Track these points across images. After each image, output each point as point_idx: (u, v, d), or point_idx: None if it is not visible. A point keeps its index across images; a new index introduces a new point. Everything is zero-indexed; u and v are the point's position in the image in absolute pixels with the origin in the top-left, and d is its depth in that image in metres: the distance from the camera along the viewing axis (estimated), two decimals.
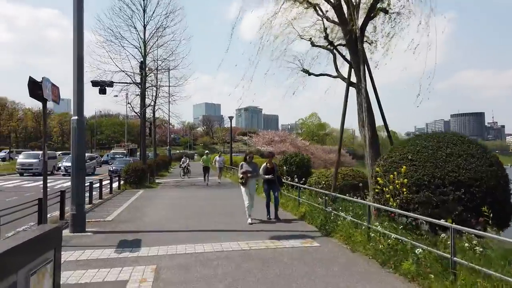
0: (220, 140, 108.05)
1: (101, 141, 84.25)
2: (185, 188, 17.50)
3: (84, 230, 7.76)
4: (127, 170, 17.47)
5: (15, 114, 76.05)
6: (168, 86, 22.70)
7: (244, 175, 8.55)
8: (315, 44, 9.45)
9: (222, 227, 8.20)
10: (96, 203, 12.10)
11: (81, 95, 7.89)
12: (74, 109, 7.85)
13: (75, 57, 7.83)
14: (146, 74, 19.62)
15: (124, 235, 7.46)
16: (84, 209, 7.99)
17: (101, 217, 9.43)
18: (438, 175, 5.74)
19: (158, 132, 68.45)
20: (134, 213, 10.08)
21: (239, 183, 8.75)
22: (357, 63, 7.94)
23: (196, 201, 12.68)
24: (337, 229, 7.09)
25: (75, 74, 7.83)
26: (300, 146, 52.38)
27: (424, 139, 6.36)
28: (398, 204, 5.83)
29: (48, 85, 6.63)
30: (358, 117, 8.14)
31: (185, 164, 24.50)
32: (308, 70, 9.47)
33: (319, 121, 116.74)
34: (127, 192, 15.55)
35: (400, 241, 5.35)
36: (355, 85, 8.33)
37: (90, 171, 29.50)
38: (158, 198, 13.42)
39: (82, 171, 7.93)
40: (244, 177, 8.54)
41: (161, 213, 10.10)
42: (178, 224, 8.55)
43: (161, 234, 7.49)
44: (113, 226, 8.37)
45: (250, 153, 9.32)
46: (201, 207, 11.17)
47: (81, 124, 7.87)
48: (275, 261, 5.61)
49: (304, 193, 10.40)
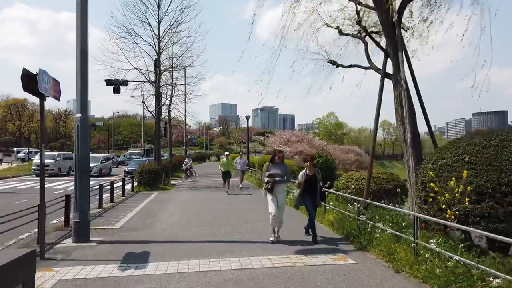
0: (237, 140, 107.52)
1: (118, 142, 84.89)
2: (201, 190, 16.72)
3: (88, 240, 7.01)
4: (140, 171, 16.82)
5: (35, 116, 77.30)
6: (184, 85, 22.04)
7: (270, 180, 6.79)
8: (343, 32, 8.46)
9: (240, 237, 7.31)
10: (106, 207, 11.42)
11: (85, 91, 7.14)
12: (78, 107, 7.11)
13: (78, 51, 7.09)
14: (161, 72, 18.96)
15: (131, 246, 6.66)
16: (89, 216, 7.23)
17: (109, 224, 8.68)
18: (506, 181, 4.68)
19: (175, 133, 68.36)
20: (144, 219, 9.30)
21: (264, 189, 6.94)
22: (395, 51, 6.91)
23: (212, 205, 11.84)
24: (374, 242, 6.09)
25: (79, 69, 7.09)
26: (317, 146, 51.05)
27: (483, 138, 5.28)
28: (456, 217, 4.80)
29: (46, 78, 5.88)
30: (395, 113, 7.10)
31: (187, 166, 22.91)
32: (335, 62, 8.46)
33: (336, 120, 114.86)
34: (140, 195, 14.87)
35: (461, 263, 4.33)
36: (391, 76, 7.31)
37: (106, 171, 29.26)
38: (172, 202, 12.65)
39: (86, 174, 7.17)
40: (270, 182, 6.76)
41: (174, 219, 9.30)
42: (192, 233, 7.71)
43: (172, 246, 6.65)
44: (121, 235, 7.59)
45: (280, 152, 7.05)
46: (217, 213, 10.31)
47: (85, 122, 7.12)
48: (305, 284, 4.67)
49: (331, 198, 9.41)
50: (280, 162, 6.96)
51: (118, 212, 10.46)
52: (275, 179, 6.75)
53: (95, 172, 27.16)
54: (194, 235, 7.49)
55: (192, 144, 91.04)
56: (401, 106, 6.88)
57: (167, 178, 19.50)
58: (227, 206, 11.27)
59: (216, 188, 17.32)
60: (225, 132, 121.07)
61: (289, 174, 7.14)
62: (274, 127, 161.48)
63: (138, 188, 16.51)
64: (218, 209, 10.87)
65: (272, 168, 6.92)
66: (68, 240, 7.10)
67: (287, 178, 7.00)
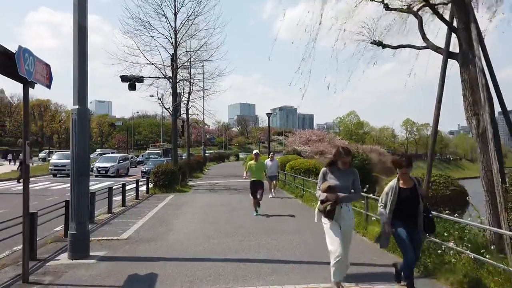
0: (255, 139, 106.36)
1: (138, 142, 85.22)
2: (220, 193, 15.52)
3: (87, 255, 5.86)
4: (156, 172, 15.76)
5: (57, 116, 78.43)
6: (203, 80, 20.95)
7: (330, 197, 4.18)
8: (390, 7, 7.04)
9: (267, 254, 6.00)
10: (117, 211, 10.35)
11: (84, 78, 5.99)
12: (75, 96, 5.96)
13: (75, 27, 5.95)
14: (177, 66, 17.89)
15: (136, 265, 5.47)
16: (88, 227, 6.09)
17: (116, 233, 7.55)
18: None
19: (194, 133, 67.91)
20: (156, 228, 8.14)
21: (319, 210, 4.35)
22: (466, 23, 5.46)
23: (233, 211, 10.59)
24: (446, 267, 4.67)
25: (76, 50, 5.94)
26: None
27: None
28: None
29: (29, 59, 4.74)
30: (464, 101, 5.64)
31: None
32: (381, 42, 7.04)
33: (357, 119, 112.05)
34: (155, 197, 13.79)
35: None
36: (456, 56, 5.85)
37: (124, 172, 28.58)
38: (188, 206, 11.47)
39: (85, 177, 6.02)
40: (330, 200, 4.16)
41: (190, 228, 8.09)
42: (210, 247, 6.47)
43: (186, 265, 5.41)
44: (127, 249, 6.42)
45: (347, 153, 4.28)
46: (238, 221, 9.05)
47: (84, 114, 5.97)
48: None
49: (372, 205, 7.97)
50: (346, 168, 4.31)
51: (128, 218, 9.34)
52: (338, 196, 4.19)
53: (112, 172, 26.52)
54: (212, 250, 6.24)
55: (211, 143, 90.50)
56: (472, 93, 5.41)
57: (184, 179, 18.41)
58: (249, 213, 9.99)
59: (236, 190, 16.08)
60: (244, 131, 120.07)
61: (359, 186, 4.48)
62: (292, 127, 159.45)
63: (154, 190, 15.46)
64: (239, 216, 9.61)
65: (332, 176, 4.32)
66: (64, 255, 5.97)
67: (357, 193, 4.43)
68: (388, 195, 4.32)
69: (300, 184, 14.35)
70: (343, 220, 4.24)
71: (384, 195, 4.41)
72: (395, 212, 4.27)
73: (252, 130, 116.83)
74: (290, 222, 8.81)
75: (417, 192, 4.25)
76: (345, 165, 4.26)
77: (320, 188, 4.35)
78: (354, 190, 4.37)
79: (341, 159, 4.24)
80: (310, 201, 11.68)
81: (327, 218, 4.22)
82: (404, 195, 4.24)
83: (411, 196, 4.23)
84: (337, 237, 4.14)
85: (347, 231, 4.29)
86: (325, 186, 4.25)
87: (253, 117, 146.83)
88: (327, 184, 4.25)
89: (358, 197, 4.69)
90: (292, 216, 9.54)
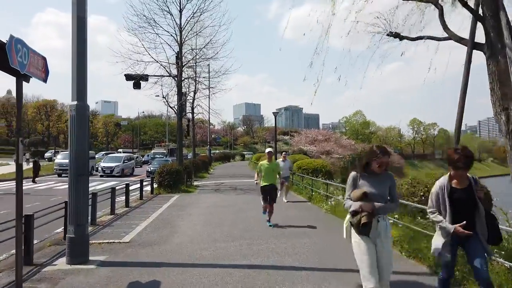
0: (261, 139, 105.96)
1: (144, 142, 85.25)
2: (226, 193, 15.15)
3: (86, 260, 5.52)
4: (160, 172, 15.43)
5: (64, 116, 78.66)
6: (208, 79, 20.63)
7: (364, 207, 3.37)
8: None
9: (278, 260, 5.61)
10: (120, 212, 10.03)
11: (83, 72, 5.66)
12: (73, 91, 5.62)
13: (74, 18, 5.62)
14: (183, 64, 17.57)
15: (138, 271, 5.11)
16: (87, 230, 5.74)
17: (118, 236, 7.21)
18: None
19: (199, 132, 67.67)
20: (160, 230, 7.79)
21: (352, 224, 3.50)
22: (494, 11, 5.03)
23: (239, 212, 10.22)
24: None
25: (74, 42, 5.61)
26: (345, 146, 48.89)
27: None
28: None
29: (23, 50, 4.40)
30: (492, 95, 5.22)
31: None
32: (399, 34, 6.61)
33: (364, 119, 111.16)
34: (159, 198, 13.46)
35: None
36: (482, 46, 5.42)
37: (129, 171, 28.37)
38: (194, 207, 11.12)
39: (84, 177, 5.68)
40: (365, 211, 3.35)
41: (195, 231, 7.73)
42: (216, 251, 6.10)
43: (191, 272, 5.05)
44: (128, 253, 6.07)
45: (384, 150, 3.47)
46: (245, 222, 8.67)
47: (83, 110, 5.63)
48: None
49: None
50: (381, 171, 3.46)
51: (131, 220, 9.00)
52: (374, 206, 3.36)
53: (117, 172, 26.34)
54: (219, 255, 5.87)
55: (216, 143, 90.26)
56: (501, 86, 4.98)
57: (189, 179, 18.08)
58: (257, 214, 9.60)
59: (242, 190, 15.70)
60: (249, 131, 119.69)
61: (396, 195, 3.62)
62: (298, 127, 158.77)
63: (158, 190, 15.14)
64: (246, 218, 9.23)
65: (365, 182, 3.48)
66: (62, 259, 5.65)
67: (395, 202, 3.57)
68: (439, 196, 3.54)
69: (309, 184, 13.94)
70: (379, 237, 3.37)
71: (433, 196, 3.61)
72: (453, 218, 3.45)
73: (257, 130, 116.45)
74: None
75: (473, 194, 3.45)
76: (381, 168, 3.40)
77: (351, 196, 3.48)
78: (391, 198, 3.51)
79: (376, 160, 3.38)
80: (320, 202, 11.27)
81: (361, 233, 3.37)
82: (458, 197, 3.47)
83: (468, 198, 3.45)
84: (372, 259, 3.27)
85: (386, 251, 3.36)
86: (359, 193, 3.39)
87: (258, 117, 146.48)
88: (362, 191, 3.38)
89: (396, 208, 3.79)
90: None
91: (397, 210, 4.74)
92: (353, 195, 3.46)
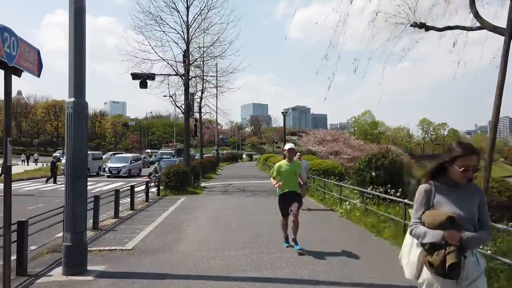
0: (269, 139, 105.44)
1: (152, 142, 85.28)
2: (234, 195, 14.67)
3: (84, 270, 5.07)
4: (167, 173, 15.00)
5: None
6: (216, 77, 20.18)
7: (452, 238, 2.16)
8: None
9: (292, 271, 5.11)
10: (124, 216, 9.60)
11: (81, 67, 5.20)
12: (71, 88, 5.17)
13: (71, 9, 5.17)
14: (190, 62, 17.15)
15: (140, 284, 4.65)
16: (85, 238, 5.29)
17: (120, 242, 6.77)
18: None
19: (206, 133, 67.35)
20: (165, 236, 7.32)
21: (429, 264, 2.23)
22: None
23: (249, 215, 9.72)
24: None
25: (72, 35, 5.16)
26: (354, 146, 48.13)
27: None
28: None
29: (11, 39, 3.97)
30: None
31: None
32: (424, 24, 6.07)
33: (372, 119, 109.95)
34: (166, 200, 13.04)
35: None
36: None
37: (136, 172, 28.08)
38: (201, 210, 10.66)
39: (82, 180, 5.25)
40: (451, 244, 2.16)
41: (202, 236, 7.25)
42: (225, 260, 5.61)
43: (198, 286, 4.57)
44: (130, 262, 5.62)
45: (472, 148, 2.27)
46: (256, 227, 8.17)
47: (81, 108, 5.19)
48: None
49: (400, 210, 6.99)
50: (465, 182, 2.31)
51: (135, 224, 8.57)
52: (462, 237, 2.18)
53: (124, 172, 26.08)
54: (228, 265, 5.38)
55: (224, 144, 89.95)
56: None
57: (197, 180, 17.64)
58: (267, 217, 9.10)
59: (251, 192, 15.20)
60: (257, 131, 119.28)
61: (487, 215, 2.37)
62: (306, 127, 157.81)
63: (165, 192, 14.72)
64: (256, 221, 8.74)
65: (444, 199, 2.33)
66: (58, 269, 5.20)
67: (486, 228, 2.31)
68: None
69: (320, 186, 13.39)
70: (467, 281, 2.23)
71: None
72: None
73: (265, 130, 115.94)
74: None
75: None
76: (466, 175, 2.26)
77: (425, 220, 2.32)
78: (482, 223, 2.31)
79: (461, 164, 2.25)
80: (334, 205, 10.72)
81: (446, 277, 2.19)
82: None
83: None
84: None
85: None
86: (441, 218, 2.22)
87: (266, 117, 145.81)
88: (445, 215, 2.21)
89: (490, 237, 2.40)
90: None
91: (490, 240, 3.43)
92: (428, 219, 2.29)
